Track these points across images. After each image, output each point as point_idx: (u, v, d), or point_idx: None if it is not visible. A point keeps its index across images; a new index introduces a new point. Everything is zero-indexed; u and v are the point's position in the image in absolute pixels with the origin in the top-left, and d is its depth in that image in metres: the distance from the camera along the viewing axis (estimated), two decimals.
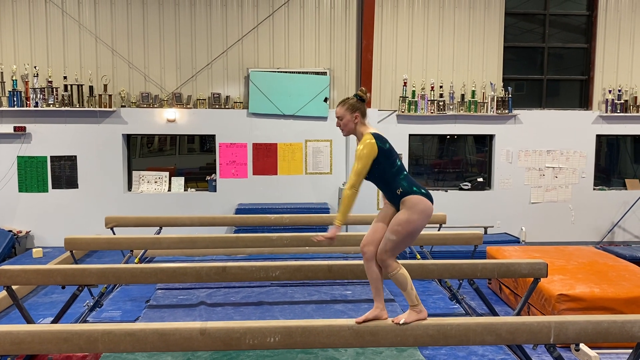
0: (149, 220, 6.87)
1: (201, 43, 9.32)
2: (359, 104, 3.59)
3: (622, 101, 9.71)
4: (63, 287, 4.73)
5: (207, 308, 5.80)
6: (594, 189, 9.92)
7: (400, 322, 3.36)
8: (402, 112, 9.39)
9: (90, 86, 8.99)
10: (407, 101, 9.39)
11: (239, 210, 8.94)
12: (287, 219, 6.78)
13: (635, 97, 9.78)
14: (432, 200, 3.49)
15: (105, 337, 3.24)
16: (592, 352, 4.43)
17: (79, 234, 7.32)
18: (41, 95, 8.85)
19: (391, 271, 3.44)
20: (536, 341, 3.44)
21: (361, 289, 6.39)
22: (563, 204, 9.85)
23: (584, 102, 10.03)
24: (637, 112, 9.76)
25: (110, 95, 8.98)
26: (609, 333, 3.39)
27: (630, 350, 3.53)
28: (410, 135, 9.53)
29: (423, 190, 3.47)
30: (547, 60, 9.96)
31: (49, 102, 8.86)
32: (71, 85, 8.93)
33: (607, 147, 10.30)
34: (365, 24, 9.12)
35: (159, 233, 6.73)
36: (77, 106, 8.95)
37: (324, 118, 9.39)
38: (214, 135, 9.38)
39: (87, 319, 5.46)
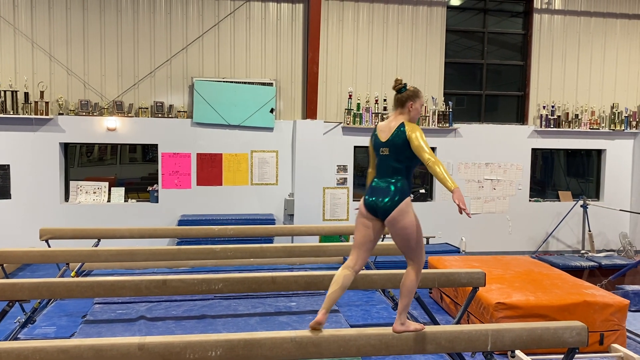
0: (86, 232, 6.66)
1: (144, 51, 9.13)
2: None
3: (556, 116, 10.20)
4: None
5: (147, 322, 5.64)
6: (530, 201, 10.34)
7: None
8: (347, 124, 9.50)
9: (25, 92, 8.63)
10: (352, 113, 9.51)
11: (181, 222, 8.78)
12: (231, 230, 6.70)
13: (567, 113, 10.29)
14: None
15: (37, 354, 3.09)
16: (527, 358, 4.59)
17: (11, 246, 6.97)
18: None
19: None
20: (474, 349, 3.54)
21: (305, 300, 6.38)
22: (501, 215, 10.20)
23: (520, 117, 10.46)
24: (569, 127, 10.26)
25: (47, 103, 8.65)
26: (542, 339, 3.52)
27: (562, 356, 3.68)
28: (355, 147, 9.64)
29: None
30: (485, 76, 10.35)
31: None
32: (5, 92, 8.53)
33: (542, 160, 10.76)
34: (311, 37, 9.21)
35: (97, 245, 6.52)
36: (11, 113, 8.56)
37: (270, 129, 9.37)
38: (157, 144, 9.18)
39: (19, 336, 5.21)
